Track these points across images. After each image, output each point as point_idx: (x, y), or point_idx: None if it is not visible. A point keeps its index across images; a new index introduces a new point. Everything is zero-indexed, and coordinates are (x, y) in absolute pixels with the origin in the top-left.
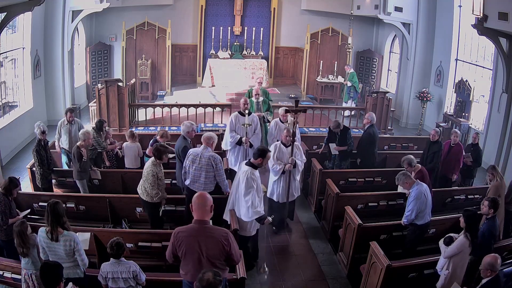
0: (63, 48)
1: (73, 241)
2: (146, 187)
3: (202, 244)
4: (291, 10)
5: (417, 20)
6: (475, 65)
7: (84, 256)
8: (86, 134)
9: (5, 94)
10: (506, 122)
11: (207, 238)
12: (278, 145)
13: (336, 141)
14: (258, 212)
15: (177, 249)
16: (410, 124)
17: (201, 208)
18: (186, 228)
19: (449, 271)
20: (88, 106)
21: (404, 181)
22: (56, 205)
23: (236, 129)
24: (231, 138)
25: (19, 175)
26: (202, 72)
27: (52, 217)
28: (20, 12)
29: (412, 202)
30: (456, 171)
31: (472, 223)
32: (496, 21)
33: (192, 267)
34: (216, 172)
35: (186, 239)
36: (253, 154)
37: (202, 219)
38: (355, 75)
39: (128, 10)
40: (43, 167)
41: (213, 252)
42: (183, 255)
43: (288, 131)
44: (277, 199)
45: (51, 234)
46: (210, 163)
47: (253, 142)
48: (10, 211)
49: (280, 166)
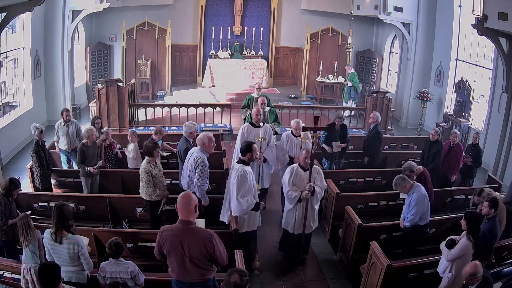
0: (63, 48)
1: (77, 244)
2: (143, 186)
3: (185, 244)
4: (291, 10)
5: (417, 20)
6: (475, 65)
7: (89, 259)
8: (89, 131)
9: (5, 94)
10: (506, 122)
11: (191, 239)
12: (295, 169)
13: (337, 139)
14: (251, 203)
15: (161, 246)
16: (410, 124)
17: (186, 207)
18: (170, 227)
19: (452, 273)
20: (88, 106)
21: (403, 185)
22: (63, 207)
23: None
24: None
25: (19, 175)
26: (202, 72)
27: (58, 219)
28: (20, 12)
29: (416, 205)
30: (456, 171)
31: (474, 224)
32: (496, 21)
33: (176, 266)
34: (196, 173)
35: (170, 238)
36: (241, 152)
37: (187, 219)
38: (355, 75)
39: (128, 10)
40: (43, 168)
41: (196, 253)
42: (168, 254)
43: (307, 152)
44: (292, 230)
45: (55, 235)
46: (193, 163)
47: (267, 157)
48: (10, 212)
49: (296, 193)
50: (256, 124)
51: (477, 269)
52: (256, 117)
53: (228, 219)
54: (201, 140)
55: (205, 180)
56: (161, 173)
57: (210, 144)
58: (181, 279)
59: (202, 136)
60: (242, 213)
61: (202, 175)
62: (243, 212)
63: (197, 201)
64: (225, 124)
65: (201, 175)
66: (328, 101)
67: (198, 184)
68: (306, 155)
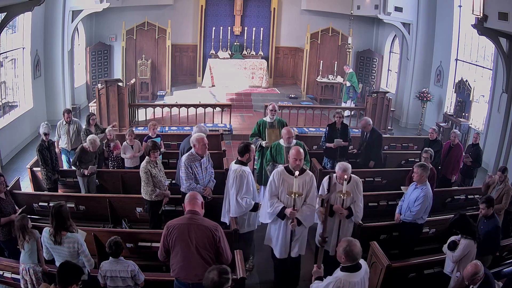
0: (63, 48)
1: (76, 242)
2: (143, 185)
3: (191, 231)
4: (291, 10)
5: (417, 20)
6: (475, 65)
7: (89, 257)
8: (93, 142)
9: (5, 94)
10: (506, 122)
11: (198, 226)
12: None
13: (338, 138)
14: (250, 204)
15: (168, 239)
16: (410, 124)
17: (193, 200)
18: (177, 219)
19: (460, 273)
20: (88, 106)
21: (422, 173)
22: (60, 208)
23: (280, 194)
24: (271, 207)
25: (19, 175)
26: (202, 72)
27: (56, 221)
28: (20, 12)
29: (422, 202)
30: (456, 172)
31: (463, 227)
32: (496, 21)
33: (181, 258)
34: (180, 174)
35: (177, 227)
36: (239, 153)
37: (194, 209)
38: (354, 75)
39: (128, 10)
40: (47, 167)
41: (203, 241)
42: (173, 246)
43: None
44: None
45: (54, 237)
46: (180, 163)
47: (304, 220)
48: (1, 210)
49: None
50: (293, 171)
51: (478, 268)
52: (294, 162)
53: (229, 220)
54: (192, 142)
55: (191, 180)
56: (162, 173)
57: (200, 146)
58: (185, 278)
59: (193, 137)
60: (240, 214)
61: (183, 175)
62: (242, 213)
63: (203, 201)
64: (225, 124)
65: (182, 174)
66: (328, 101)
67: (181, 181)
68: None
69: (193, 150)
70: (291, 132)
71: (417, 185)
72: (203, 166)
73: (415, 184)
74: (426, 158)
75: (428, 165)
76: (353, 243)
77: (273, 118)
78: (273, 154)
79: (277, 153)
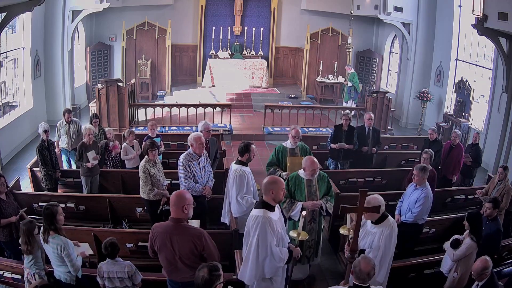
0: (63, 48)
1: (61, 246)
2: (141, 184)
3: (174, 242)
4: (291, 10)
5: (417, 20)
6: (475, 65)
7: (74, 261)
8: (86, 130)
9: (5, 94)
10: (506, 122)
11: (180, 237)
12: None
13: (343, 140)
14: (251, 203)
15: (153, 242)
16: (410, 124)
17: (175, 205)
18: (161, 225)
19: (457, 273)
20: (88, 106)
21: (422, 176)
22: (50, 207)
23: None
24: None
25: (19, 175)
26: (202, 72)
27: (44, 219)
28: (20, 12)
29: (423, 203)
30: (457, 172)
31: (476, 224)
32: (496, 21)
33: (167, 264)
34: (179, 174)
35: (160, 235)
36: (239, 153)
37: (177, 217)
38: (355, 75)
39: (128, 10)
40: (47, 167)
41: (185, 251)
42: (158, 251)
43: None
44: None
45: (43, 235)
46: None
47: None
48: (2, 212)
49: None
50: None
51: (488, 263)
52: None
53: (229, 221)
54: (189, 141)
55: (190, 179)
56: (161, 173)
57: (197, 145)
58: (173, 278)
59: (190, 137)
60: (242, 214)
61: (182, 175)
62: (243, 213)
63: (190, 202)
64: (225, 124)
65: (181, 175)
66: (328, 101)
67: (180, 181)
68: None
69: (190, 149)
70: (315, 163)
71: (417, 186)
72: (201, 165)
73: (414, 185)
74: (426, 159)
75: (428, 166)
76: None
77: (296, 144)
78: (290, 189)
79: (295, 187)
